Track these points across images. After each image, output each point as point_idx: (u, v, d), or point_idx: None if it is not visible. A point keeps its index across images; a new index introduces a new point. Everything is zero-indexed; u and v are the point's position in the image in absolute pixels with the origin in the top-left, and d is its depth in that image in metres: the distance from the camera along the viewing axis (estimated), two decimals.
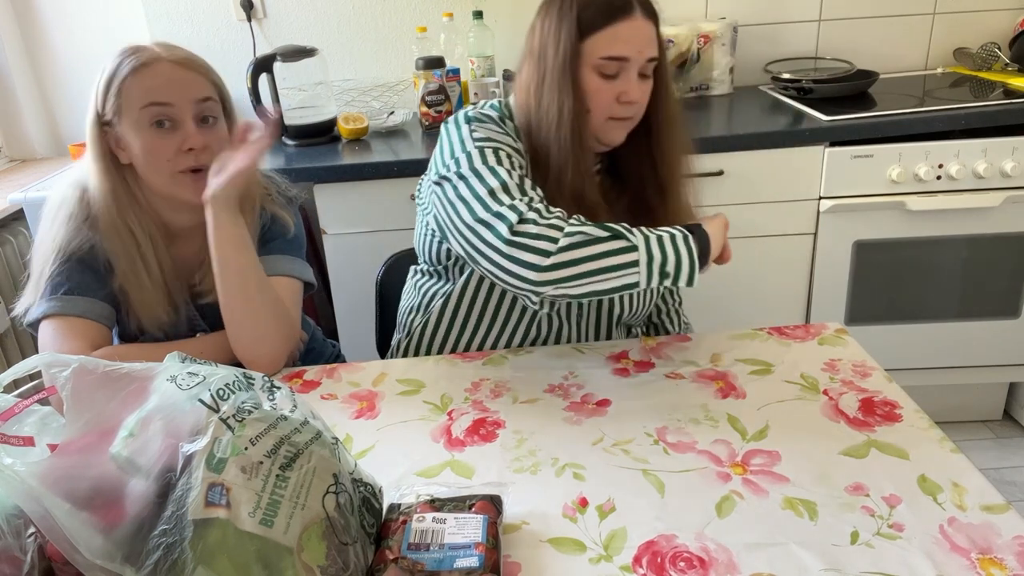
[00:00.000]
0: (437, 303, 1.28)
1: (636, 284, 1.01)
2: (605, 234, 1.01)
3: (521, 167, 1.12)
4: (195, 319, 1.25)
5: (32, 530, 0.70)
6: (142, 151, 1.11)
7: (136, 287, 1.17)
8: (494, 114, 1.19)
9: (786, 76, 2.17)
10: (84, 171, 1.17)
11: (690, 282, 1.02)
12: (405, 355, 1.34)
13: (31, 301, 1.15)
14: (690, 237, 1.03)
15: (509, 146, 1.14)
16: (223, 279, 1.15)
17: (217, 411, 0.69)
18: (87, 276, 1.15)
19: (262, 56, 2.10)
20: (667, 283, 1.02)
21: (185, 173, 1.13)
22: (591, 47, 1.11)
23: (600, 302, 1.27)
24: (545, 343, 1.27)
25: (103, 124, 1.13)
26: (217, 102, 1.16)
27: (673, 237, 1.02)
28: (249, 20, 2.30)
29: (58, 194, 1.19)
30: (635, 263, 1.00)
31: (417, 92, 2.11)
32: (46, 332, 1.12)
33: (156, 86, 1.10)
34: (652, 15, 1.14)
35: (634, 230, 1.03)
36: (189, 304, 1.24)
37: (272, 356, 1.18)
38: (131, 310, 1.19)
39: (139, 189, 1.16)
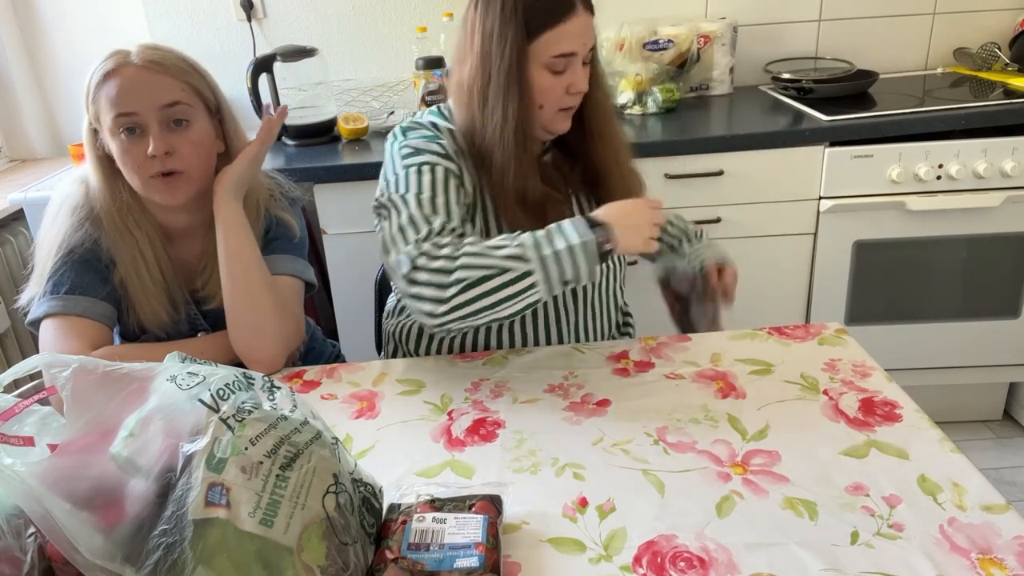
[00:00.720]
0: None
1: (540, 299, 1.05)
2: (496, 267, 1.02)
3: (447, 171, 1.14)
4: (196, 318, 1.25)
5: (32, 530, 0.70)
6: (117, 157, 1.13)
7: (137, 284, 1.18)
8: (426, 120, 1.22)
9: (786, 76, 2.17)
10: (87, 170, 1.18)
11: (591, 278, 1.06)
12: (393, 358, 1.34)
13: (34, 294, 1.15)
14: (589, 243, 1.03)
15: (435, 153, 1.15)
16: (228, 268, 1.15)
17: (217, 411, 0.69)
18: (88, 275, 1.16)
19: (262, 56, 2.10)
20: (570, 287, 1.07)
21: (155, 178, 1.12)
22: (540, 48, 1.13)
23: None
24: (512, 330, 1.27)
25: (94, 130, 1.15)
26: (190, 104, 1.14)
27: (570, 249, 1.03)
28: (249, 20, 2.29)
29: (63, 190, 1.20)
30: (534, 285, 1.03)
31: (417, 92, 2.11)
32: (47, 331, 1.13)
33: (120, 94, 1.09)
34: (589, 6, 1.16)
35: (528, 245, 1.03)
36: (190, 304, 1.24)
37: (273, 353, 1.18)
38: (132, 308, 1.19)
39: (131, 193, 1.17)
